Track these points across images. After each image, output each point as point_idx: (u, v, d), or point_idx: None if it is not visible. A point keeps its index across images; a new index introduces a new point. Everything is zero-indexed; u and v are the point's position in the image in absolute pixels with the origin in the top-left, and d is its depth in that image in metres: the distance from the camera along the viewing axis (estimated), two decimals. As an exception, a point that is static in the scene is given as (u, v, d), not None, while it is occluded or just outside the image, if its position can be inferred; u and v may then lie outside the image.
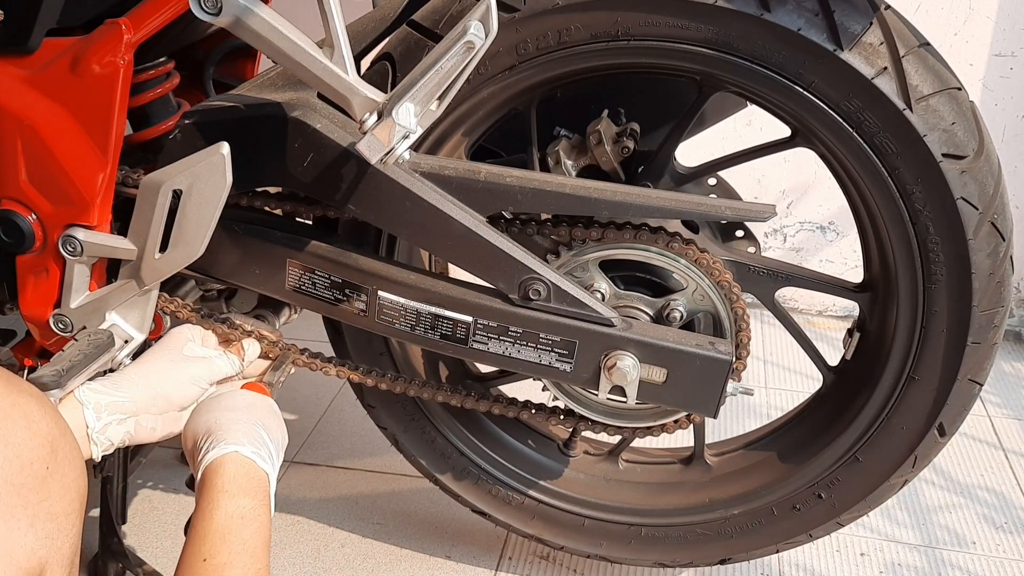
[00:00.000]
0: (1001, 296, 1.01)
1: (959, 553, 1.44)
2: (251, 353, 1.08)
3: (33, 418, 0.64)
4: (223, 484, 0.80)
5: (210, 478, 0.81)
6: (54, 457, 0.64)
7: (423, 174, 1.00)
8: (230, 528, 0.77)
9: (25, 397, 0.65)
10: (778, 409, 1.79)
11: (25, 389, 0.66)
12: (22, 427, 0.62)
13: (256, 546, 0.77)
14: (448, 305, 1.04)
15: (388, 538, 1.45)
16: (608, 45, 0.98)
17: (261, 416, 0.90)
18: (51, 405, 0.68)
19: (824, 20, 0.93)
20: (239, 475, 0.82)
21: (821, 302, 2.17)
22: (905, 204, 0.98)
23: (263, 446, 0.86)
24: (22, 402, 0.64)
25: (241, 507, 0.79)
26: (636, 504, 1.27)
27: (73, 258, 1.02)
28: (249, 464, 0.83)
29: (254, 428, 0.87)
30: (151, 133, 1.15)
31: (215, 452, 0.83)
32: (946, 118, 0.95)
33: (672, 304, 1.07)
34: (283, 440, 0.92)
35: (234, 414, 0.88)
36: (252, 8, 0.85)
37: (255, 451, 0.85)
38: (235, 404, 0.91)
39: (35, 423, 0.64)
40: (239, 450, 0.83)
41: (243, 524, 0.78)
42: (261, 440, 0.86)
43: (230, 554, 0.75)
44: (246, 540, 0.77)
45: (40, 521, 0.62)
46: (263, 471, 0.84)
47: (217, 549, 0.75)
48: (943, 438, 1.10)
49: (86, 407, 0.90)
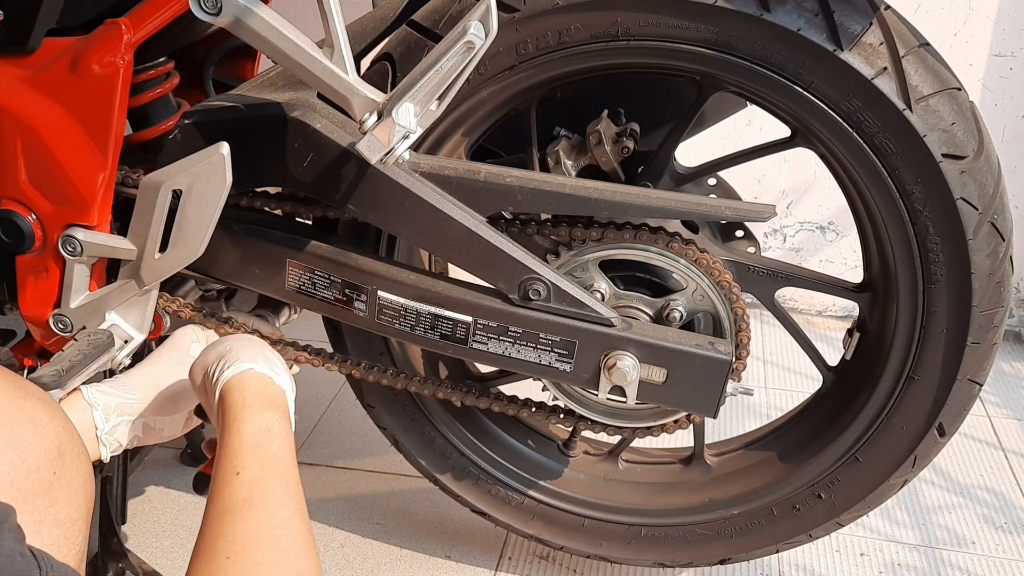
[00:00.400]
0: (1001, 296, 1.01)
1: (959, 553, 1.44)
2: None
3: (40, 422, 0.63)
4: (245, 399, 0.79)
5: (230, 395, 0.80)
6: (61, 462, 0.63)
7: (423, 174, 1.00)
8: (259, 441, 0.76)
9: (32, 401, 0.64)
10: (778, 409, 1.79)
11: (32, 393, 0.66)
12: (29, 431, 0.62)
13: (287, 457, 0.76)
14: (448, 305, 1.04)
15: (388, 538, 1.45)
16: (608, 45, 0.98)
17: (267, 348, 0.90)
18: (59, 409, 0.67)
19: (824, 20, 0.93)
20: (259, 390, 0.81)
21: (821, 302, 2.17)
22: (905, 204, 0.98)
23: (276, 365, 0.86)
24: (29, 406, 0.64)
25: (267, 420, 0.78)
26: (636, 504, 1.27)
27: (73, 258, 1.02)
28: (267, 379, 0.83)
29: (264, 350, 0.87)
30: (151, 133, 1.15)
31: (231, 371, 0.82)
32: (946, 118, 0.95)
33: (672, 304, 1.07)
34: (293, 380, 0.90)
35: (242, 341, 0.88)
36: (252, 8, 0.85)
37: (270, 367, 0.84)
38: (241, 336, 0.91)
39: (42, 427, 0.63)
40: (254, 367, 0.83)
41: (271, 437, 0.77)
42: (272, 360, 0.86)
43: (263, 466, 0.74)
44: (276, 452, 0.76)
45: (47, 527, 0.61)
46: (280, 386, 0.84)
47: (250, 462, 0.74)
48: (943, 438, 1.10)
49: (95, 409, 0.90)
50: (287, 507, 0.72)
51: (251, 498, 0.71)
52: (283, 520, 0.70)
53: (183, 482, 1.55)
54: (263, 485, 0.72)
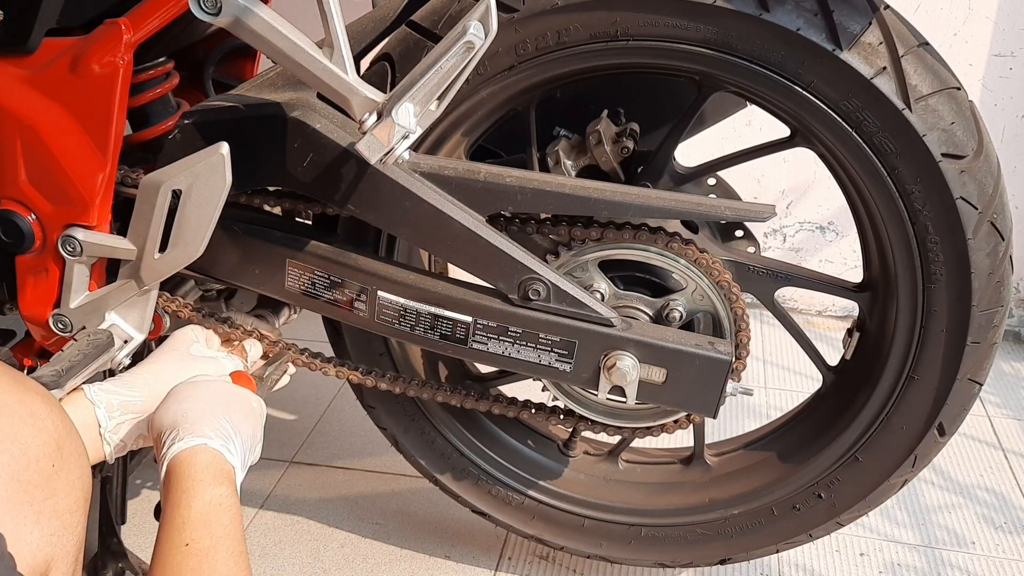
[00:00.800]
0: (1001, 296, 1.01)
1: (959, 553, 1.44)
2: (254, 353, 1.08)
3: (39, 416, 0.64)
4: (196, 473, 0.80)
5: (180, 468, 0.80)
6: (60, 455, 0.64)
7: (423, 174, 1.00)
8: (209, 515, 0.77)
9: (32, 395, 0.65)
10: (777, 409, 1.79)
11: (32, 387, 0.67)
12: (28, 424, 0.63)
13: (237, 532, 0.77)
14: (448, 305, 1.04)
15: (388, 538, 1.45)
16: (607, 45, 0.98)
17: (232, 412, 0.88)
18: (57, 404, 0.68)
19: (823, 20, 0.93)
20: (211, 465, 0.81)
21: (820, 302, 2.17)
22: (904, 204, 0.98)
23: (229, 441, 0.85)
24: (28, 399, 0.64)
25: (218, 495, 0.79)
26: (636, 504, 1.27)
27: (73, 258, 1.02)
28: (219, 456, 0.83)
29: (221, 422, 0.86)
30: (151, 133, 1.15)
31: (183, 444, 0.82)
32: (945, 118, 0.95)
33: (672, 304, 1.07)
34: (253, 437, 0.90)
35: (203, 406, 0.87)
36: (252, 8, 0.85)
37: (223, 444, 0.84)
38: (206, 396, 0.89)
39: (41, 421, 0.64)
40: (208, 443, 0.83)
41: (221, 511, 0.77)
42: (227, 435, 0.85)
43: (212, 539, 0.75)
44: (226, 525, 0.77)
45: (46, 518, 0.62)
46: (231, 465, 0.84)
47: (200, 535, 0.75)
48: (943, 438, 1.10)
49: (97, 407, 0.90)
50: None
51: (200, 568, 0.72)
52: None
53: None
54: (214, 556, 0.73)
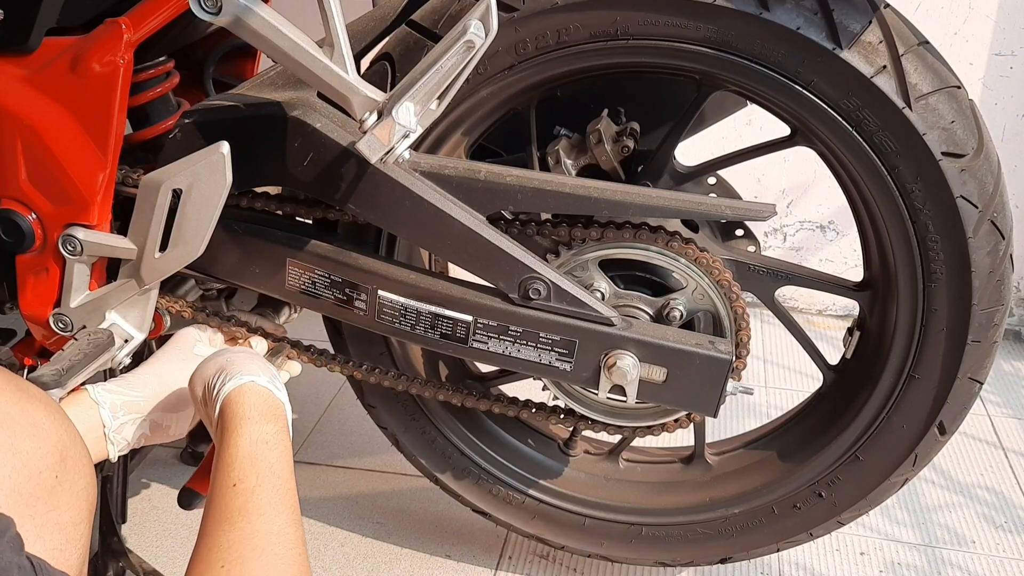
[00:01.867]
0: (1001, 294, 1.01)
1: (959, 552, 1.44)
2: (258, 350, 1.08)
3: (42, 425, 0.63)
4: (244, 412, 0.80)
5: (229, 407, 0.81)
6: (63, 465, 0.63)
7: (423, 173, 1.00)
8: (256, 453, 0.76)
9: (34, 403, 0.64)
10: (778, 408, 1.79)
11: (34, 395, 0.66)
12: (30, 435, 0.62)
13: (283, 469, 0.77)
14: (448, 304, 1.04)
15: (388, 537, 1.45)
16: (607, 44, 0.98)
17: (262, 359, 0.90)
18: (61, 411, 0.67)
19: (823, 19, 0.93)
20: (259, 402, 0.81)
21: (821, 301, 2.17)
22: (905, 202, 0.98)
23: (275, 378, 0.86)
24: (30, 408, 0.63)
25: (265, 432, 0.79)
26: (637, 503, 1.27)
27: (73, 257, 1.02)
28: (267, 392, 0.83)
29: (264, 364, 0.88)
30: (151, 132, 1.15)
31: (232, 383, 0.82)
32: (945, 116, 0.95)
33: (672, 303, 1.07)
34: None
35: (243, 355, 0.88)
36: (252, 7, 0.85)
37: (270, 381, 0.85)
38: (240, 349, 0.91)
39: (44, 430, 0.63)
40: (255, 380, 0.83)
41: (268, 448, 0.77)
42: (273, 374, 0.86)
43: (259, 477, 0.75)
44: (272, 463, 0.76)
45: (48, 532, 0.61)
46: (279, 399, 0.84)
47: (246, 473, 0.75)
48: (943, 436, 1.10)
49: (102, 407, 0.90)
50: (281, 516, 0.72)
51: (246, 508, 0.72)
52: (278, 529, 0.71)
53: (183, 481, 1.54)
54: (258, 495, 0.73)
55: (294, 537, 0.71)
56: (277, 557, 0.69)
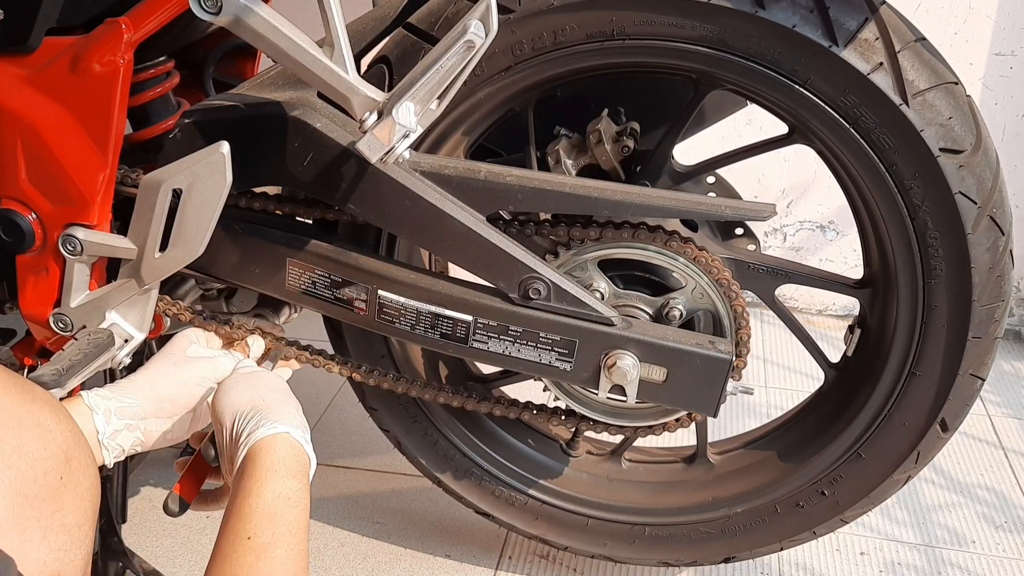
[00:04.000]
0: (1001, 290, 1.01)
1: (959, 552, 1.44)
2: (256, 349, 1.08)
3: (47, 427, 0.63)
4: (273, 464, 0.78)
5: (260, 455, 0.79)
6: (68, 467, 0.63)
7: (423, 173, 1.00)
8: (277, 508, 0.75)
9: (39, 405, 0.64)
10: (778, 408, 1.79)
11: (40, 396, 0.65)
12: (36, 436, 0.62)
13: (300, 528, 0.76)
14: (448, 304, 1.04)
15: (388, 538, 1.45)
16: (604, 45, 0.98)
17: (296, 402, 0.89)
18: (66, 413, 0.67)
19: (819, 17, 0.93)
20: (289, 457, 0.80)
21: (821, 301, 2.17)
22: (903, 199, 0.98)
23: (307, 431, 0.85)
24: (36, 410, 0.63)
25: (288, 488, 0.77)
26: (640, 503, 1.27)
27: (73, 257, 1.02)
28: (299, 447, 0.82)
29: (299, 413, 0.86)
30: (151, 132, 1.15)
31: (265, 430, 0.81)
32: (943, 112, 0.95)
33: (671, 303, 1.07)
34: None
35: (279, 395, 0.87)
36: (252, 7, 0.85)
37: (303, 435, 0.83)
38: (275, 386, 0.90)
39: (49, 432, 0.63)
40: (291, 432, 0.82)
41: (289, 505, 0.76)
42: (305, 426, 0.85)
43: (275, 535, 0.73)
44: (291, 522, 0.75)
45: (53, 533, 0.61)
46: (308, 456, 0.83)
47: (263, 528, 0.73)
48: (945, 433, 1.10)
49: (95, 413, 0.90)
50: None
51: (258, 565, 0.71)
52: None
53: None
54: (272, 552, 0.72)
55: None
56: None
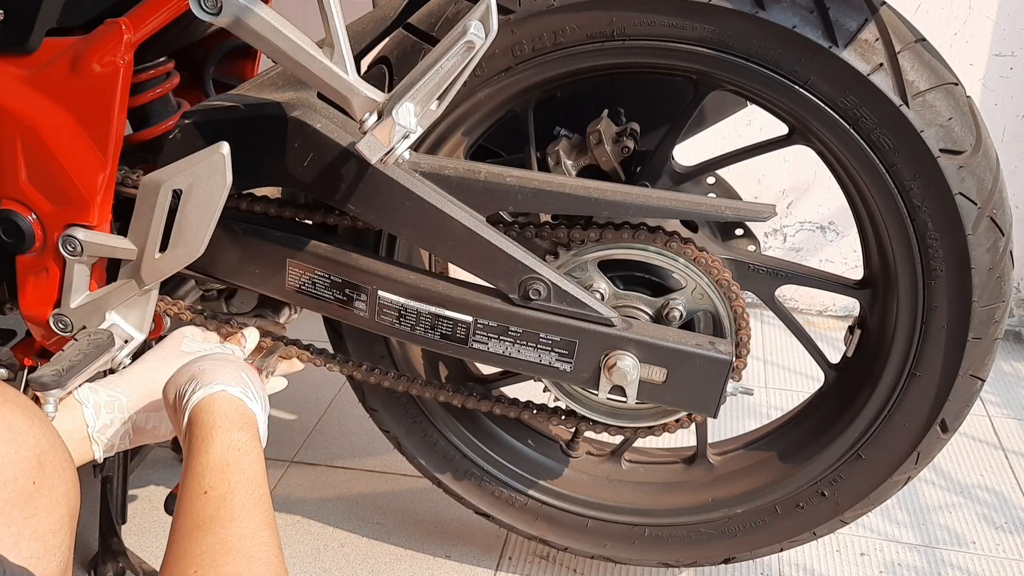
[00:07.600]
0: (1001, 291, 1.01)
1: (959, 553, 1.43)
2: (251, 341, 1.08)
3: (18, 430, 0.61)
4: (215, 420, 0.78)
5: (200, 416, 0.79)
6: (42, 471, 0.62)
7: (423, 174, 1.00)
8: (228, 460, 0.74)
9: (11, 407, 0.62)
10: (778, 409, 1.79)
11: (11, 398, 0.64)
12: (6, 440, 0.60)
13: (256, 475, 0.75)
14: (448, 305, 1.04)
15: (388, 538, 1.45)
16: (604, 45, 0.98)
17: (247, 370, 0.88)
18: (40, 414, 0.65)
19: (819, 17, 0.93)
20: (230, 411, 0.79)
21: (821, 301, 2.17)
22: (903, 200, 0.98)
23: (248, 388, 0.84)
24: (7, 412, 0.62)
25: (236, 440, 0.77)
26: (640, 504, 1.27)
27: (73, 258, 1.02)
28: (238, 402, 0.81)
29: (239, 374, 0.85)
30: (151, 133, 1.15)
31: (202, 392, 0.80)
32: (943, 113, 0.95)
33: (671, 303, 1.07)
34: (266, 400, 0.89)
35: (216, 362, 0.86)
36: (252, 8, 0.85)
37: (242, 391, 0.82)
38: (217, 357, 0.89)
39: (21, 435, 0.61)
40: (227, 389, 0.81)
41: (240, 455, 0.75)
42: (245, 383, 0.84)
43: (231, 484, 0.72)
44: (245, 470, 0.74)
45: (25, 540, 0.59)
46: (251, 409, 0.82)
47: (217, 480, 0.72)
48: (945, 434, 1.10)
49: (85, 406, 0.90)
50: (255, 520, 0.70)
51: (219, 514, 0.69)
52: (252, 531, 0.69)
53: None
54: (231, 501, 0.71)
55: (269, 539, 0.69)
56: (253, 559, 0.66)
